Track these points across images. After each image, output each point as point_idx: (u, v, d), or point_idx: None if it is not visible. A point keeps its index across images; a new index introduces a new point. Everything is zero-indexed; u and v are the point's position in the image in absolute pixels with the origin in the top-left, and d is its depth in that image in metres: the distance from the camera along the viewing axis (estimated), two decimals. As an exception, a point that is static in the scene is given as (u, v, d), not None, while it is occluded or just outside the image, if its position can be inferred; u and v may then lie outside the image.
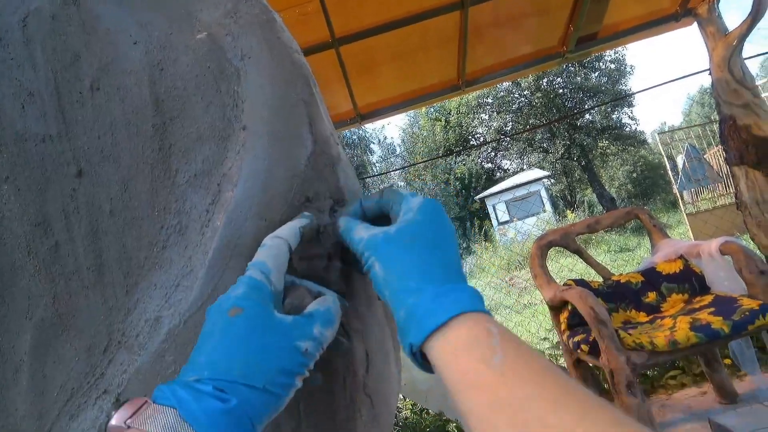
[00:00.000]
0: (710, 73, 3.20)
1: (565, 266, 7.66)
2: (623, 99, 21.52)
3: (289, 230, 0.45)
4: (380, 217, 0.50)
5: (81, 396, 0.45)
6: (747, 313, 1.94)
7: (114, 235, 0.46)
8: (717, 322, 1.93)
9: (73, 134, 0.47)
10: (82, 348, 0.45)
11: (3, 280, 0.46)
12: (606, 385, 2.57)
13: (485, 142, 24.18)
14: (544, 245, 2.70)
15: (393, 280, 0.42)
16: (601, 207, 20.59)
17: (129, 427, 0.35)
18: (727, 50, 3.06)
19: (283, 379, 0.38)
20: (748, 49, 3.19)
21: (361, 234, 0.46)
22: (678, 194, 8.87)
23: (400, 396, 3.38)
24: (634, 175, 23.49)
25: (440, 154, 22.62)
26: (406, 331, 0.40)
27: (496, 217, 21.90)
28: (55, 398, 0.45)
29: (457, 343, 0.37)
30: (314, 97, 0.54)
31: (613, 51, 22.73)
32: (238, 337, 0.39)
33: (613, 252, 11.14)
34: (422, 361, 0.40)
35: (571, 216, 16.91)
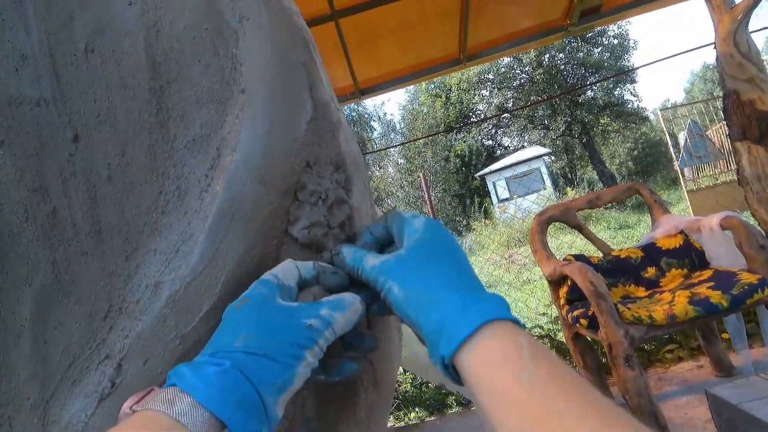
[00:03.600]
0: (715, 47, 3.15)
1: (565, 243, 7.69)
2: (626, 74, 21.29)
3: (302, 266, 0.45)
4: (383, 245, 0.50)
5: (83, 361, 0.45)
6: (746, 287, 1.95)
7: (112, 200, 0.45)
8: (716, 297, 1.94)
9: (68, 98, 0.46)
10: (82, 314, 0.45)
11: (2, 246, 0.46)
12: (604, 359, 2.60)
13: (486, 118, 24.01)
14: (545, 220, 2.70)
15: (415, 297, 0.41)
16: (601, 184, 20.57)
17: (134, 411, 0.35)
18: (733, 23, 3.01)
19: (288, 348, 0.38)
20: (755, 22, 3.14)
21: (371, 262, 0.45)
22: (679, 171, 8.84)
23: (401, 369, 3.42)
24: (635, 152, 23.38)
25: (440, 131, 22.46)
26: (436, 345, 0.39)
27: (496, 194, 21.89)
28: (57, 363, 0.45)
29: (486, 357, 0.37)
30: (314, 61, 0.52)
31: (617, 26, 22.39)
32: (240, 319, 0.39)
33: (613, 229, 11.17)
34: (454, 374, 0.40)
35: (571, 193, 16.90)
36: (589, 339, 2.43)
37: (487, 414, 0.36)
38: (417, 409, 3.14)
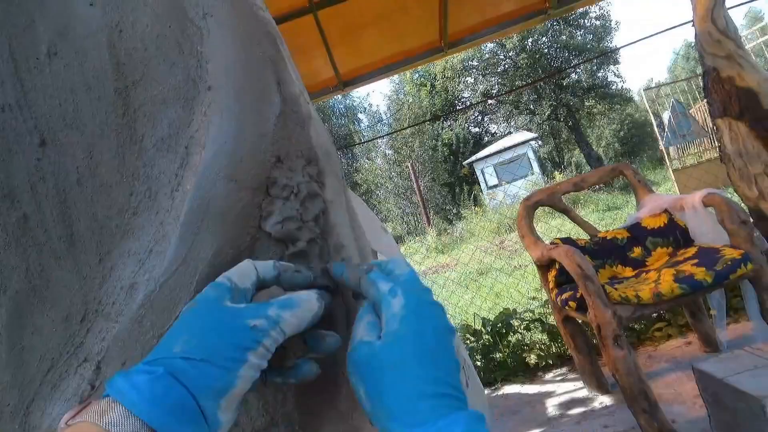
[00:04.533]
0: (693, 25, 3.17)
1: (554, 227, 7.74)
2: (609, 55, 21.37)
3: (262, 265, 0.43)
4: None
5: (62, 365, 0.45)
6: (729, 262, 1.98)
7: (83, 203, 0.45)
8: (700, 273, 1.97)
9: (33, 102, 0.45)
10: (59, 318, 0.45)
11: (-27, 254, 0.45)
12: (595, 341, 2.63)
13: (471, 105, 24.01)
14: (531, 206, 2.71)
15: (382, 409, 0.38)
16: (589, 167, 20.68)
17: (68, 425, 0.34)
18: (711, 1, 3.03)
19: (230, 352, 0.37)
20: (731, -1, 3.15)
21: (356, 334, 0.43)
22: (664, 150, 8.92)
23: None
24: (621, 133, 23.54)
25: (427, 120, 22.45)
26: None
27: (485, 181, 21.96)
28: (36, 369, 0.45)
29: None
30: (281, 55, 0.52)
31: (598, 7, 22.44)
32: (183, 323, 0.39)
33: (601, 211, 11.27)
34: None
35: (559, 177, 17.00)
36: (579, 321, 2.46)
37: None
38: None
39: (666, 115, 9.25)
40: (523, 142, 21.46)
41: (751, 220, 2.42)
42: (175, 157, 0.45)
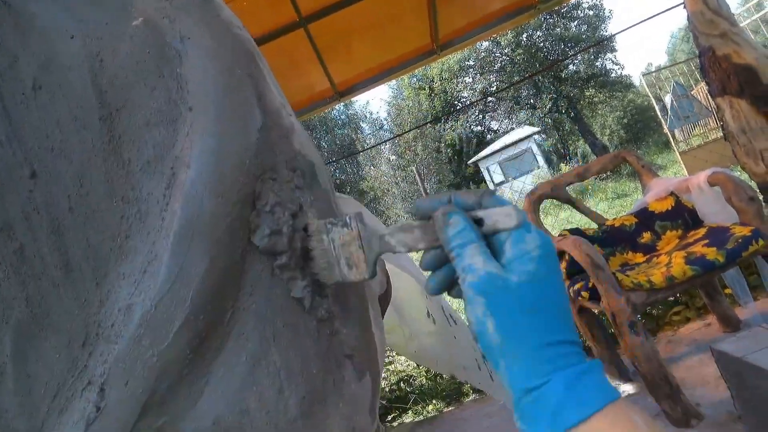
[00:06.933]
0: (685, 6, 3.16)
1: (563, 219, 7.70)
2: (604, 43, 21.30)
3: None
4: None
5: (67, 390, 0.46)
6: (740, 240, 1.96)
7: (76, 230, 0.46)
8: (711, 253, 1.95)
9: (21, 136, 0.47)
10: (61, 344, 0.46)
11: (-26, 288, 0.47)
12: (611, 330, 2.61)
13: (471, 104, 23.99)
14: (536, 199, 2.71)
15: (511, 349, 0.38)
16: (594, 157, 20.55)
17: None
18: (701, -20, 3.02)
19: None
20: (721, -24, 3.13)
21: (475, 262, 0.40)
22: (669, 133, 8.85)
23: (414, 364, 3.43)
24: (625, 120, 23.37)
25: (428, 122, 22.46)
26: (533, 420, 0.37)
27: (492, 179, 21.91)
28: (42, 395, 0.46)
29: None
30: (261, 71, 0.53)
31: (590, -3, 22.39)
32: None
33: (610, 199, 11.18)
34: None
35: (565, 169, 16.92)
36: (595, 311, 2.44)
37: None
38: (434, 401, 3.15)
39: (668, 98, 9.19)
40: (526, 137, 21.40)
41: (761, 195, 2.40)
42: (162, 178, 0.46)
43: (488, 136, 26.05)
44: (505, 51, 22.42)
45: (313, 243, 0.49)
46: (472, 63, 23.30)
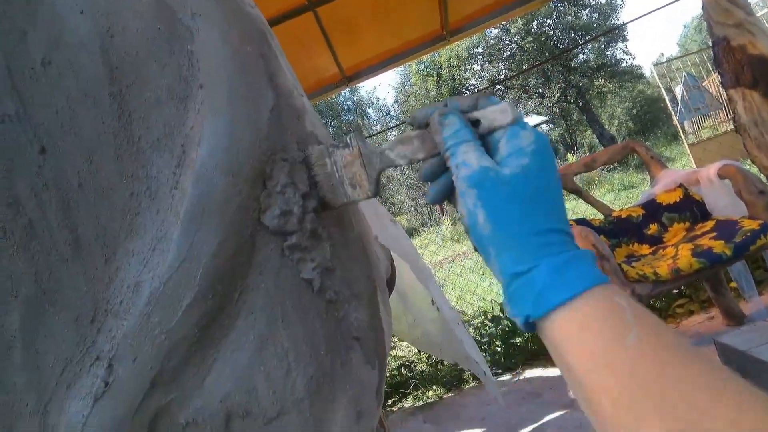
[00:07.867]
0: (700, -5, 3.10)
1: (569, 209, 7.67)
2: (615, 32, 21.00)
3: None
4: None
5: (75, 365, 0.46)
6: (748, 234, 1.95)
7: (86, 207, 0.46)
8: (718, 246, 1.94)
9: (31, 112, 0.46)
10: (70, 320, 0.46)
11: (-16, 262, 0.47)
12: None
13: (479, 92, 23.77)
14: (543, 189, 2.69)
15: (502, 236, 0.39)
16: (602, 147, 20.39)
17: None
18: (717, -32, 2.96)
19: None
20: (738, -35, 3.07)
21: (469, 158, 0.41)
22: (678, 125, 8.76)
23: (415, 350, 3.45)
24: (634, 111, 23.15)
25: (435, 111, 22.20)
26: (519, 299, 0.38)
27: (498, 168, 21.73)
28: (50, 370, 0.46)
29: (584, 320, 0.35)
30: (272, 50, 0.53)
31: (603, -15, 22.04)
32: None
33: (617, 190, 11.12)
34: (534, 328, 0.38)
35: (572, 159, 16.82)
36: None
37: (581, 378, 0.34)
38: (435, 387, 3.18)
39: (678, 90, 9.09)
40: (534, 127, 21.17)
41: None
42: (172, 155, 0.46)
43: (495, 124, 25.76)
44: (515, 39, 22.16)
45: (316, 169, 0.50)
46: (481, 50, 23.05)
